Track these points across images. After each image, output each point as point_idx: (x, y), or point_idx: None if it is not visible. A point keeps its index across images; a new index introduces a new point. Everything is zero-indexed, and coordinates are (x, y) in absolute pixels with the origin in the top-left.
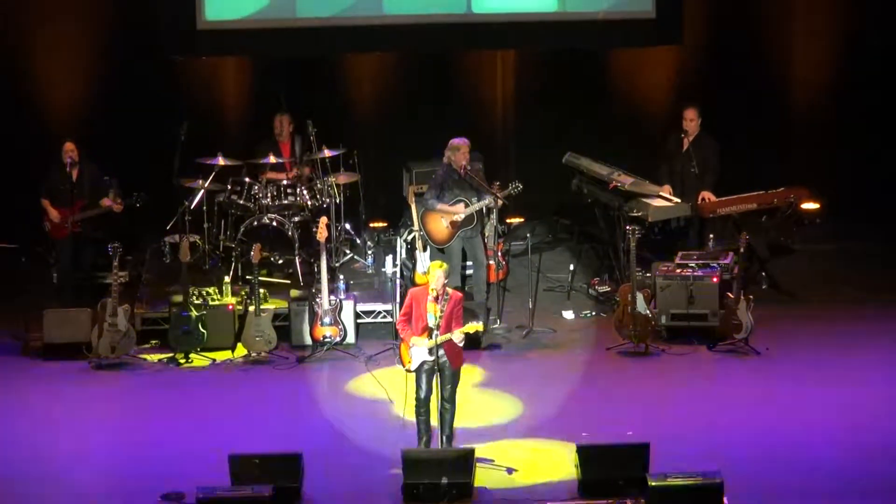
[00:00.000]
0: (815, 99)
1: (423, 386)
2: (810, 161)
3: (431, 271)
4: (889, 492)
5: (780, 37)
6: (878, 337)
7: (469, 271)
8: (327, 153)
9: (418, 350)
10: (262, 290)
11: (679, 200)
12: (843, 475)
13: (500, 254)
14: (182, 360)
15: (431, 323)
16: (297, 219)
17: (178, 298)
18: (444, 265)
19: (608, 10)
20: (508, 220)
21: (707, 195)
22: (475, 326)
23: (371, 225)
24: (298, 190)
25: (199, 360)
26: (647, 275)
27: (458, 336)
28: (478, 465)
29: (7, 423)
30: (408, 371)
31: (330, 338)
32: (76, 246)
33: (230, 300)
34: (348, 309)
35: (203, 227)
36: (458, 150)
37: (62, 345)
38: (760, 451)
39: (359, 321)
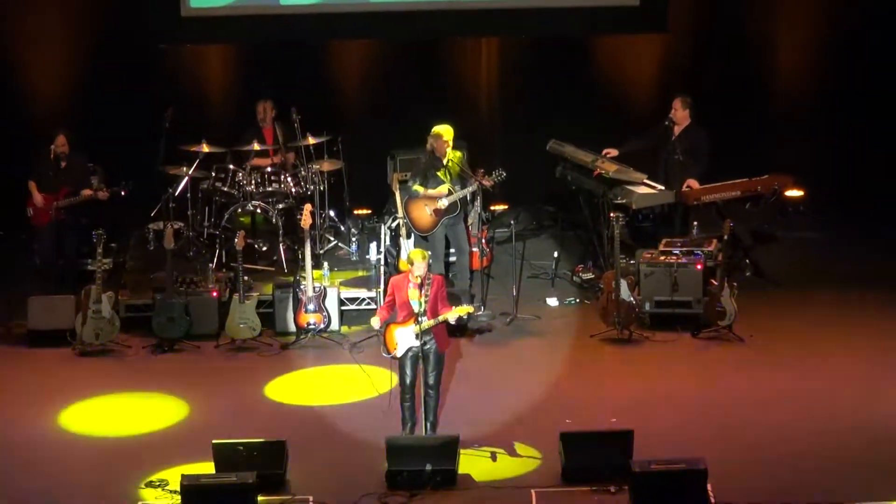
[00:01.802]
0: (800, 86)
1: (409, 372)
2: (794, 148)
3: (414, 260)
4: (870, 478)
5: (764, 25)
6: (861, 324)
7: (452, 258)
8: (311, 140)
9: (405, 336)
10: (245, 279)
11: (663, 187)
12: (825, 461)
13: (484, 241)
14: (166, 348)
15: (417, 309)
16: (281, 206)
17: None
18: (427, 254)
19: None
20: (492, 208)
21: (692, 183)
22: (466, 309)
23: (355, 212)
24: (283, 177)
25: None
26: (631, 262)
27: (452, 316)
28: (462, 451)
29: None
30: (393, 357)
31: (314, 325)
32: (59, 233)
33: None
34: (332, 296)
35: (187, 214)
36: (441, 138)
37: (46, 332)
38: (744, 437)
39: (343, 308)
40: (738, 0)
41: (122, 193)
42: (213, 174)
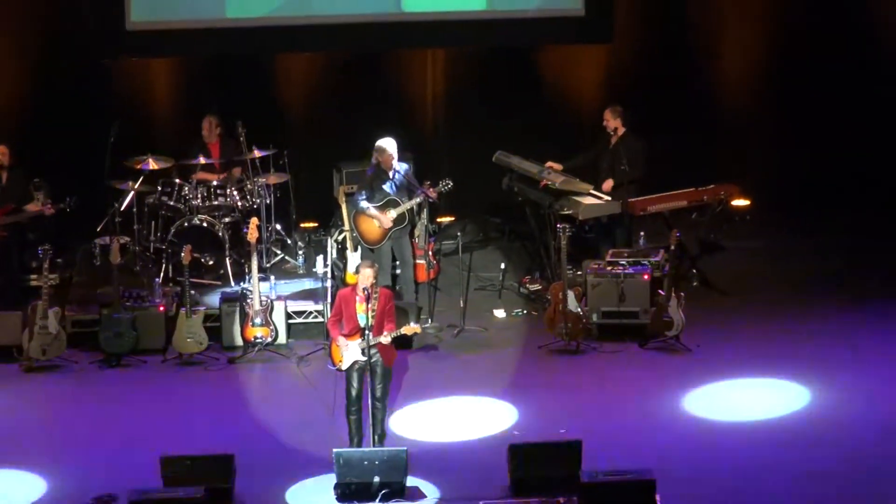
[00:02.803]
0: (745, 97)
1: (355, 385)
2: (740, 158)
3: (360, 271)
4: (817, 488)
5: (709, 36)
6: (808, 332)
7: (398, 271)
8: (257, 154)
9: (350, 350)
10: (192, 293)
11: (609, 198)
12: (773, 471)
13: (430, 253)
14: (113, 363)
15: (363, 323)
16: (227, 220)
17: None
18: (375, 265)
19: (538, 8)
20: (439, 220)
21: (608, 186)
22: (413, 328)
23: (302, 225)
24: (228, 191)
25: None
26: (578, 273)
27: (386, 339)
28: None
29: None
30: (339, 370)
31: (261, 338)
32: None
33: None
34: (279, 309)
35: (133, 228)
36: (385, 151)
37: None
38: (692, 447)
39: (290, 321)
40: (684, 10)
41: (68, 210)
42: (159, 188)
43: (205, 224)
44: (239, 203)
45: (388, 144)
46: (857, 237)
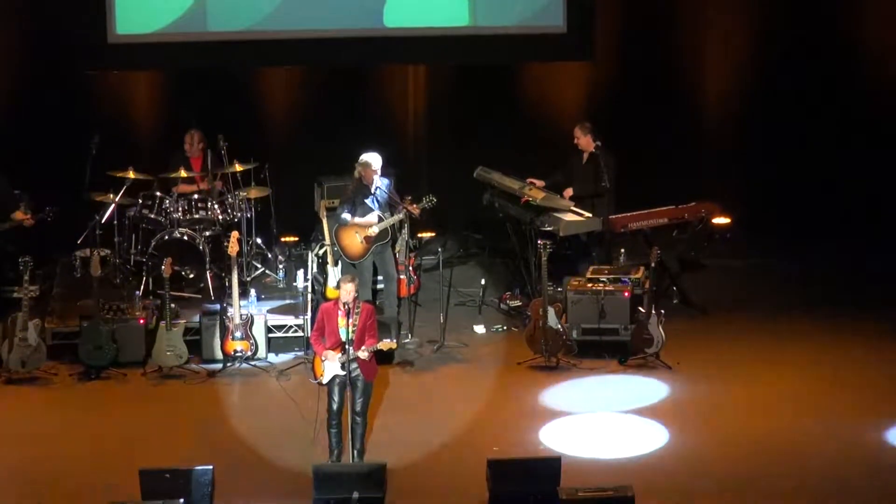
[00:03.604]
0: (726, 115)
1: (336, 399)
2: (721, 176)
3: (342, 285)
4: (797, 494)
5: (690, 54)
6: (786, 350)
7: (380, 286)
8: (238, 167)
9: (331, 364)
10: (172, 306)
11: (590, 214)
12: (750, 487)
13: (411, 268)
14: (93, 375)
15: (344, 337)
16: (208, 233)
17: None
18: (356, 279)
19: (519, 24)
20: (420, 235)
21: (569, 194)
22: (388, 344)
23: (282, 239)
24: (210, 204)
25: None
26: (559, 289)
27: (364, 354)
28: None
29: None
30: (320, 384)
31: (241, 352)
32: None
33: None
34: (259, 323)
35: (114, 241)
36: (369, 166)
37: None
38: (672, 463)
39: (270, 335)
40: (665, 27)
41: (49, 219)
42: (140, 201)
43: (185, 237)
44: (220, 216)
45: (373, 159)
46: (837, 258)
